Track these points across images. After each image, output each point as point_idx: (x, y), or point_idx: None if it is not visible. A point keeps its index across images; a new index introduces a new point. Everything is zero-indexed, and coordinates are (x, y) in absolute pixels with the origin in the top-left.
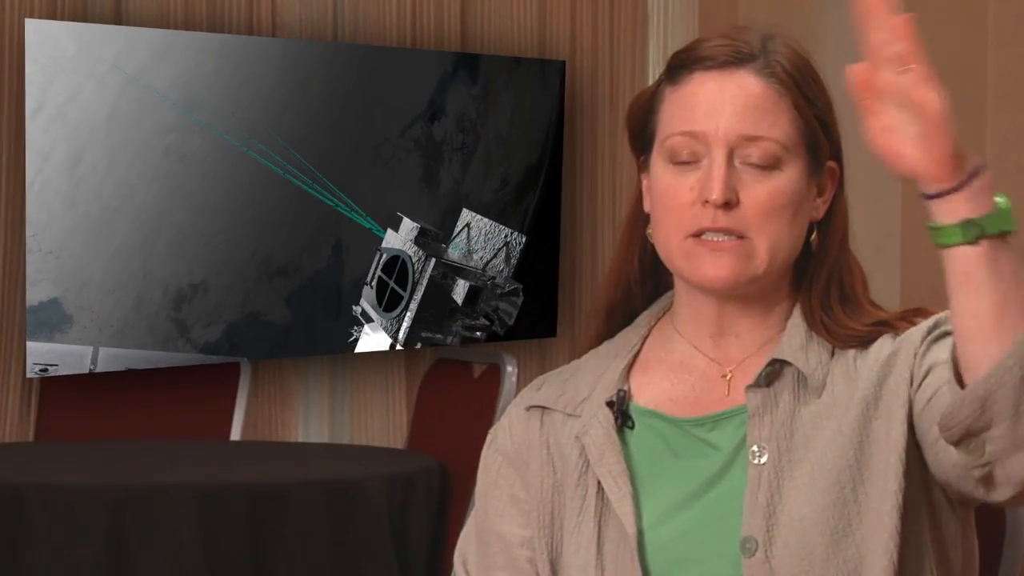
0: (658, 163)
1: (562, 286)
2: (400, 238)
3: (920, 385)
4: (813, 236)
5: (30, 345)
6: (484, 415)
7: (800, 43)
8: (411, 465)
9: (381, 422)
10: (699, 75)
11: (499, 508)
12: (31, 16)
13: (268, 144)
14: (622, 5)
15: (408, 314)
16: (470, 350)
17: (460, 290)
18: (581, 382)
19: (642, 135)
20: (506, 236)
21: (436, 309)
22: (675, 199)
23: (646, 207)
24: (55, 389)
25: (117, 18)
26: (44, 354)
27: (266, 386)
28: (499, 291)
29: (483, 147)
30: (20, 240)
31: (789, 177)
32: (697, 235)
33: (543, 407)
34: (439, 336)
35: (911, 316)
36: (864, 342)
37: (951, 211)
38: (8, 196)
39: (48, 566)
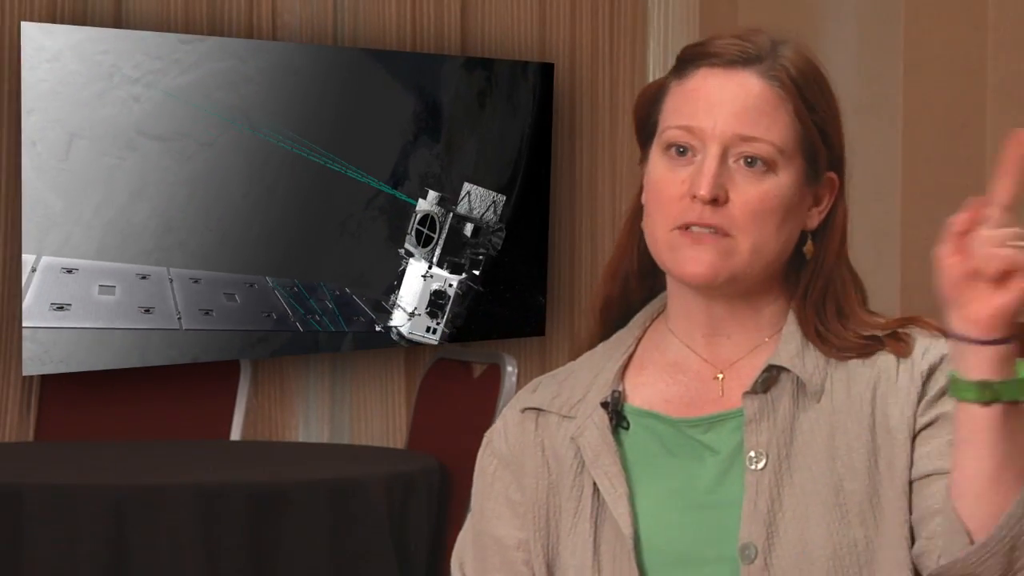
0: (655, 154)
1: (551, 282)
2: (428, 203)
3: (920, 434)
4: (807, 246)
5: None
6: (484, 415)
7: (812, 51)
8: (411, 465)
9: (381, 422)
10: (704, 71)
11: (495, 511)
12: (30, 19)
13: (275, 139)
14: (622, 6)
15: (437, 248)
16: (470, 350)
17: (468, 230)
18: (576, 383)
19: (646, 126)
20: (493, 198)
21: (454, 243)
22: (666, 191)
23: (644, 199)
24: (55, 389)
25: (117, 22)
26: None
27: (266, 386)
28: (491, 230)
29: (470, 151)
30: (16, 240)
31: (782, 182)
32: (683, 228)
33: (538, 409)
34: (455, 259)
35: (903, 328)
36: (861, 353)
37: (974, 366)
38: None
39: (48, 566)
